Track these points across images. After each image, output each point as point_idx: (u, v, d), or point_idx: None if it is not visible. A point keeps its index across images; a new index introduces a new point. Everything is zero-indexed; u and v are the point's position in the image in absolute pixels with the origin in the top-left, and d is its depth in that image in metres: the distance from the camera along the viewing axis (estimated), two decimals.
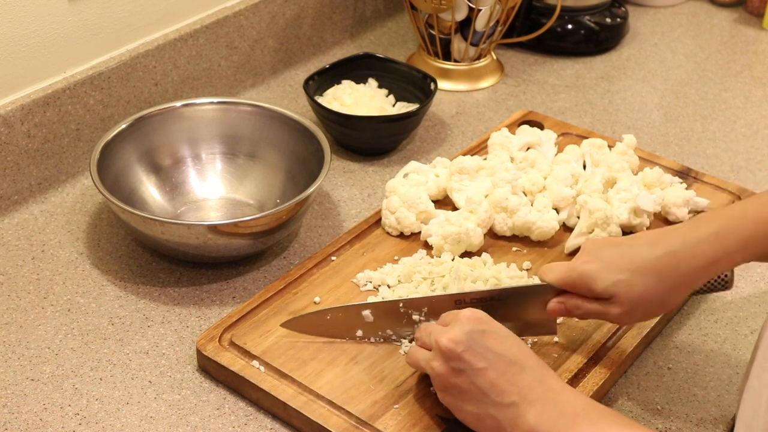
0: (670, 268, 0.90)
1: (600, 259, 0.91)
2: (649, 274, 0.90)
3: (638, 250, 0.91)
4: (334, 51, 1.57)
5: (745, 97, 1.50)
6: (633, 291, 0.90)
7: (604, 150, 1.23)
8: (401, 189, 1.15)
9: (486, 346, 0.86)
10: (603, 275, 0.90)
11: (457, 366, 0.86)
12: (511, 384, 0.84)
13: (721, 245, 0.90)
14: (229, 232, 1.07)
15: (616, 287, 0.90)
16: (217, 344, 0.99)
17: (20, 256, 1.14)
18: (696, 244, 0.90)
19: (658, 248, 0.90)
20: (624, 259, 0.91)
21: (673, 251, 0.90)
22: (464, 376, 0.85)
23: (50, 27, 1.19)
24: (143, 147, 1.20)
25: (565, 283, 0.93)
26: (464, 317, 0.88)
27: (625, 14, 1.64)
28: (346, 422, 0.91)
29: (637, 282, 0.90)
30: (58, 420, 0.94)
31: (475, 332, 0.86)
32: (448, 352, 0.86)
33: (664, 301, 0.92)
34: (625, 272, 0.90)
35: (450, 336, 0.86)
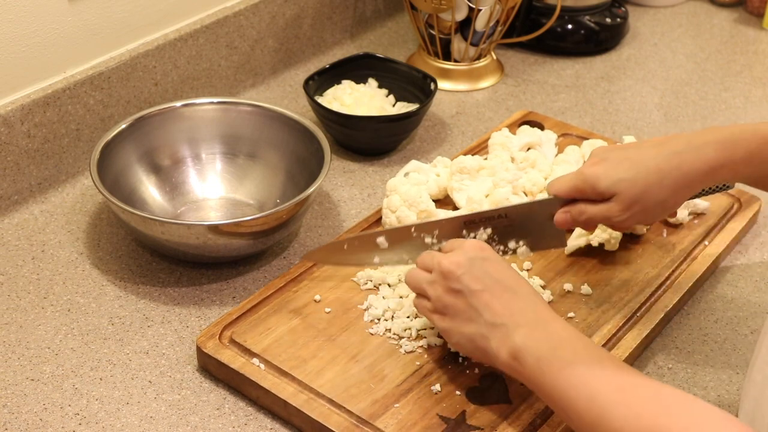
0: (673, 168, 0.92)
1: (606, 160, 0.95)
2: (651, 172, 0.93)
3: (643, 151, 0.94)
4: (334, 51, 1.57)
5: (745, 97, 1.50)
6: (635, 188, 0.93)
7: None
8: (402, 188, 1.15)
9: (485, 270, 0.89)
10: (607, 174, 0.93)
11: (455, 286, 0.89)
12: (504, 307, 0.87)
13: (726, 152, 0.92)
14: (229, 232, 1.07)
15: (619, 185, 0.93)
16: (218, 342, 0.99)
17: (20, 256, 1.14)
18: (701, 147, 0.92)
19: (664, 149, 0.93)
20: (629, 159, 0.94)
21: (677, 152, 0.93)
22: (461, 296, 0.89)
23: (50, 27, 1.19)
24: (143, 147, 1.20)
25: (572, 188, 0.96)
26: (468, 245, 0.92)
27: (625, 14, 1.64)
28: (346, 421, 0.91)
29: (640, 180, 0.93)
30: (58, 420, 0.94)
31: (477, 258, 0.90)
32: (448, 273, 0.90)
33: (664, 201, 0.95)
34: (629, 171, 0.93)
35: (452, 259, 0.90)
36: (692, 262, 1.12)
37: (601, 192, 0.94)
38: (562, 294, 1.07)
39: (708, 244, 1.15)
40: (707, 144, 0.93)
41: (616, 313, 1.04)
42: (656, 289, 1.08)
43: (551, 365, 0.82)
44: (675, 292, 1.08)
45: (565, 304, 1.06)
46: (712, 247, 1.14)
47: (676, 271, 1.11)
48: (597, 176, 0.94)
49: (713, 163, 0.93)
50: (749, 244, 1.19)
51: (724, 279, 1.14)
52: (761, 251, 1.18)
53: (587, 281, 1.08)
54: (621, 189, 0.93)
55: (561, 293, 1.07)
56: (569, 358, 0.82)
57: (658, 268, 1.11)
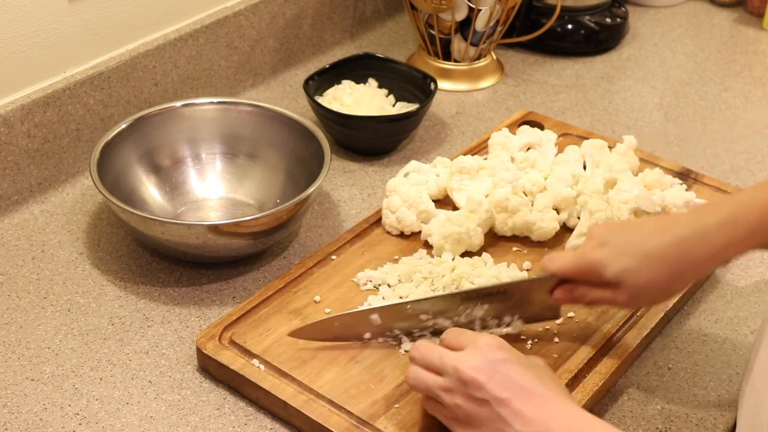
0: (679, 256, 0.90)
1: (609, 245, 0.91)
2: (658, 261, 0.90)
3: (647, 238, 0.91)
4: (334, 51, 1.57)
5: (745, 97, 1.50)
6: (641, 278, 0.90)
7: (604, 151, 1.23)
8: (402, 188, 1.15)
9: (508, 375, 0.84)
10: (613, 262, 0.90)
11: (479, 395, 0.83)
12: (536, 414, 0.82)
13: (730, 234, 0.89)
14: (229, 232, 1.07)
15: (626, 274, 0.90)
16: (217, 343, 0.99)
17: (20, 256, 1.14)
18: (705, 232, 0.90)
19: (668, 236, 0.90)
20: (633, 246, 0.91)
21: (682, 239, 0.90)
22: (486, 406, 0.83)
23: (50, 27, 1.19)
24: (143, 147, 1.19)
25: (573, 271, 0.93)
26: (484, 344, 0.86)
27: (625, 14, 1.64)
28: (346, 421, 0.91)
29: (646, 269, 0.90)
30: (58, 420, 0.94)
31: (497, 361, 0.84)
32: (471, 381, 0.83)
33: (670, 287, 0.93)
34: (634, 259, 0.90)
35: (471, 364, 0.84)
36: None
37: (606, 280, 0.91)
38: None
39: None
40: (710, 229, 0.90)
41: (616, 313, 1.04)
42: None
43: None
44: None
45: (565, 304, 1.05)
46: None
47: None
48: (602, 264, 0.91)
49: (719, 246, 0.90)
50: None
51: (724, 279, 1.14)
52: (761, 251, 1.18)
53: None
54: (627, 278, 0.90)
55: None
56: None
57: None
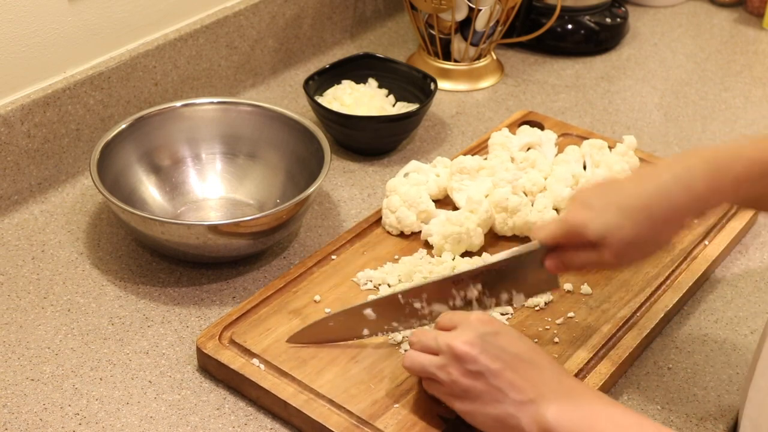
0: (661, 204, 0.88)
1: (589, 206, 0.90)
2: (639, 212, 0.88)
3: (626, 190, 0.89)
4: (334, 51, 1.57)
5: (745, 97, 1.50)
6: (625, 231, 0.88)
7: (604, 151, 1.23)
8: (402, 188, 1.15)
9: (500, 346, 0.86)
10: (594, 221, 0.88)
11: (473, 368, 0.85)
12: (529, 382, 0.84)
13: (713, 182, 0.87)
14: (229, 232, 1.07)
15: (608, 230, 0.88)
16: (217, 342, 0.99)
17: (20, 256, 1.14)
18: (688, 179, 0.88)
19: (648, 185, 0.89)
20: (613, 202, 0.89)
21: (663, 187, 0.88)
22: (482, 378, 0.85)
23: (50, 27, 1.19)
24: (143, 147, 1.19)
25: (557, 236, 0.92)
26: (474, 320, 0.88)
27: (625, 14, 1.64)
28: (346, 421, 0.91)
29: (628, 222, 0.88)
30: (58, 420, 0.94)
31: (488, 334, 0.86)
32: (463, 354, 0.85)
33: (656, 238, 0.91)
34: (615, 214, 0.88)
35: (464, 339, 0.86)
36: (692, 261, 1.12)
37: (589, 240, 0.90)
38: (562, 294, 1.07)
39: (708, 244, 1.15)
40: (693, 177, 0.88)
41: (616, 313, 1.04)
42: (656, 289, 1.08)
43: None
44: (675, 292, 1.08)
45: (565, 304, 1.06)
46: (712, 247, 1.14)
47: (676, 270, 1.11)
48: (584, 225, 0.89)
49: (700, 194, 0.88)
50: (749, 244, 1.19)
51: (724, 279, 1.14)
52: (761, 251, 1.18)
53: (587, 281, 1.08)
54: (610, 235, 0.88)
55: (561, 293, 1.07)
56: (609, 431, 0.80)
57: (658, 268, 1.11)
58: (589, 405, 0.82)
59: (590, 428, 0.80)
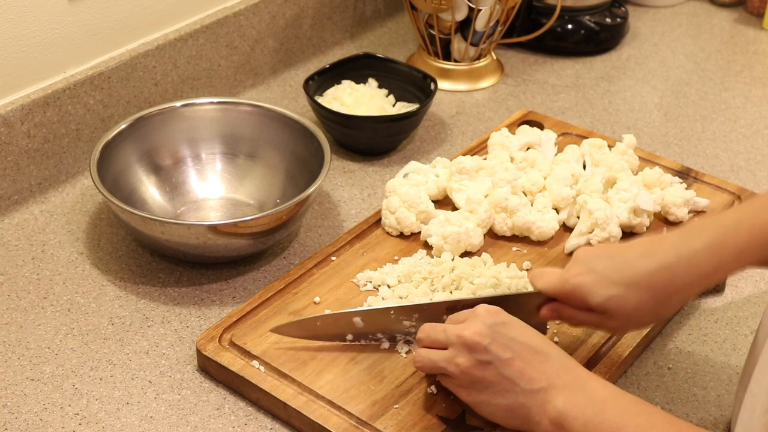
0: (665, 282, 0.88)
1: (593, 272, 0.90)
2: (643, 288, 0.88)
3: (632, 264, 0.89)
4: (334, 51, 1.57)
5: (745, 97, 1.50)
6: (628, 305, 0.89)
7: (604, 150, 1.23)
8: (401, 189, 1.15)
9: (510, 336, 0.87)
10: (597, 290, 0.89)
11: (483, 358, 0.86)
12: (539, 371, 0.85)
13: (716, 257, 0.88)
14: (229, 232, 1.07)
15: (611, 302, 0.89)
16: (217, 344, 0.99)
17: (20, 256, 1.14)
18: (691, 257, 0.88)
19: (653, 261, 0.89)
20: (618, 273, 0.89)
21: (667, 265, 0.88)
22: (491, 367, 0.86)
23: (50, 27, 1.19)
24: (143, 147, 1.20)
25: (558, 292, 0.92)
26: (482, 311, 0.89)
27: (625, 14, 1.64)
28: (346, 422, 0.91)
29: (632, 296, 0.88)
30: (58, 420, 0.94)
31: (497, 324, 0.88)
32: (474, 344, 0.86)
33: (658, 312, 0.91)
34: (619, 287, 0.88)
35: (473, 329, 0.87)
36: None
37: (591, 307, 0.90)
38: None
39: None
40: (696, 254, 0.88)
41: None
42: None
43: (599, 429, 0.80)
44: None
45: None
46: None
47: None
48: (587, 291, 0.90)
49: (705, 271, 0.88)
50: None
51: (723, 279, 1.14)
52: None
53: None
54: (612, 307, 0.89)
55: None
56: (618, 420, 0.80)
57: None
58: (598, 394, 0.83)
59: (600, 417, 0.81)
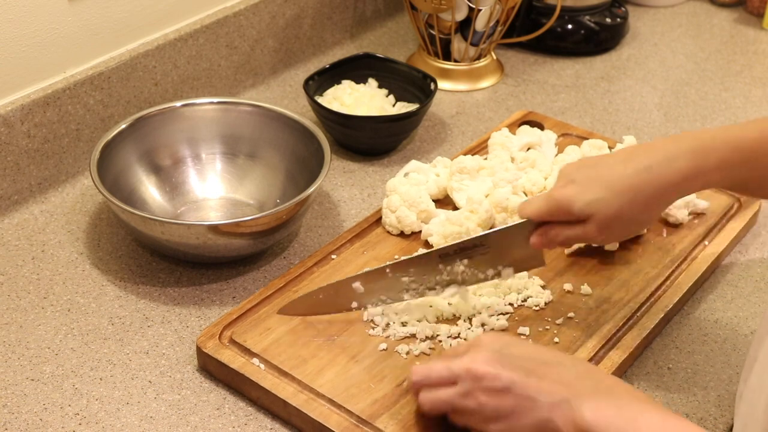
0: (645, 183, 0.90)
1: (576, 182, 0.92)
2: (624, 191, 0.90)
3: (613, 168, 0.92)
4: (334, 51, 1.57)
5: (745, 97, 1.50)
6: (610, 209, 0.91)
7: (604, 151, 1.23)
8: (402, 188, 1.15)
9: (518, 356, 0.84)
10: (579, 197, 0.91)
11: (498, 386, 0.82)
12: (557, 382, 0.82)
13: (698, 162, 0.90)
14: (229, 232, 1.07)
15: (593, 206, 0.91)
16: (218, 342, 0.99)
17: (20, 256, 1.14)
18: (671, 159, 0.90)
19: (634, 164, 0.91)
20: (599, 179, 0.91)
21: (648, 166, 0.90)
22: (509, 393, 0.82)
23: (50, 27, 1.19)
24: (143, 147, 1.20)
25: (543, 212, 0.94)
26: (483, 340, 0.87)
27: (625, 14, 1.64)
28: (346, 421, 0.91)
29: (613, 200, 0.90)
30: (58, 420, 0.94)
31: (503, 347, 0.85)
32: (485, 374, 0.83)
33: (640, 216, 0.93)
34: (601, 191, 0.91)
35: (481, 359, 0.84)
36: (692, 262, 1.12)
37: (575, 215, 0.92)
38: (562, 294, 1.07)
39: (708, 244, 1.15)
40: (679, 155, 0.90)
41: (616, 313, 1.04)
42: (656, 289, 1.08)
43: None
44: (675, 292, 1.08)
45: (565, 304, 1.06)
46: (712, 247, 1.14)
47: (676, 271, 1.11)
48: (569, 200, 0.91)
49: (686, 173, 0.90)
50: (749, 244, 1.19)
51: (724, 279, 1.14)
52: (761, 251, 1.18)
53: (587, 281, 1.08)
54: (595, 210, 0.91)
55: (561, 293, 1.07)
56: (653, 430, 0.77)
57: (658, 268, 1.11)
58: (627, 402, 0.80)
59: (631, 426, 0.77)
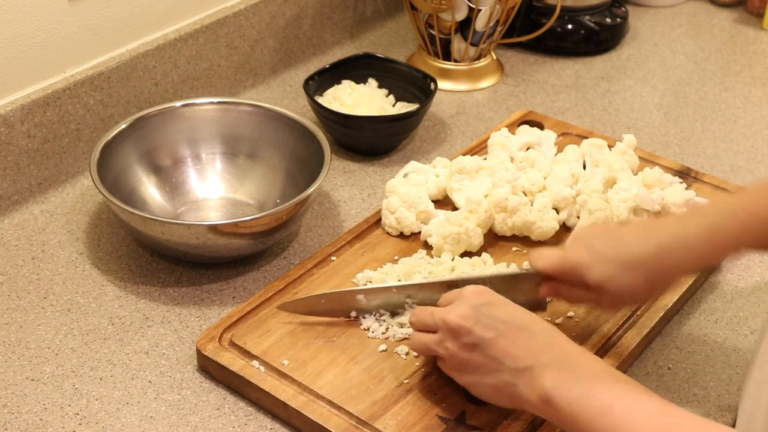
0: (660, 263, 0.91)
1: (591, 250, 0.93)
2: (639, 268, 0.91)
3: (630, 244, 0.93)
4: (334, 51, 1.57)
5: (745, 97, 1.50)
6: (622, 283, 0.92)
7: (603, 150, 1.23)
8: (401, 189, 1.15)
9: (494, 316, 0.87)
10: (595, 268, 0.92)
11: (468, 341, 0.86)
12: (524, 349, 0.84)
13: (711, 242, 0.91)
14: (229, 232, 1.07)
15: (607, 280, 0.92)
16: (217, 344, 0.99)
17: (20, 256, 1.14)
18: (686, 240, 0.91)
19: (649, 243, 0.92)
20: (615, 252, 0.92)
21: (664, 247, 0.91)
22: (477, 349, 0.86)
23: (50, 27, 1.19)
24: (143, 147, 1.20)
25: (557, 270, 0.95)
26: (468, 293, 0.90)
27: (625, 14, 1.64)
28: (346, 422, 0.91)
29: (627, 275, 0.91)
30: (58, 420, 0.94)
31: (482, 305, 0.88)
32: (457, 328, 0.87)
33: (651, 290, 0.95)
34: (616, 266, 0.91)
35: (457, 312, 0.88)
36: None
37: (588, 284, 0.93)
38: None
39: None
40: (691, 237, 0.91)
41: (616, 313, 1.04)
42: None
43: (588, 410, 0.79)
44: (675, 292, 1.08)
45: (565, 304, 1.05)
46: None
47: None
48: (585, 269, 0.92)
49: (700, 254, 0.91)
50: None
51: (724, 279, 1.14)
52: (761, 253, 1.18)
53: None
54: (609, 285, 0.92)
55: None
56: (605, 401, 0.79)
57: None
58: (586, 372, 0.82)
59: (587, 397, 0.79)
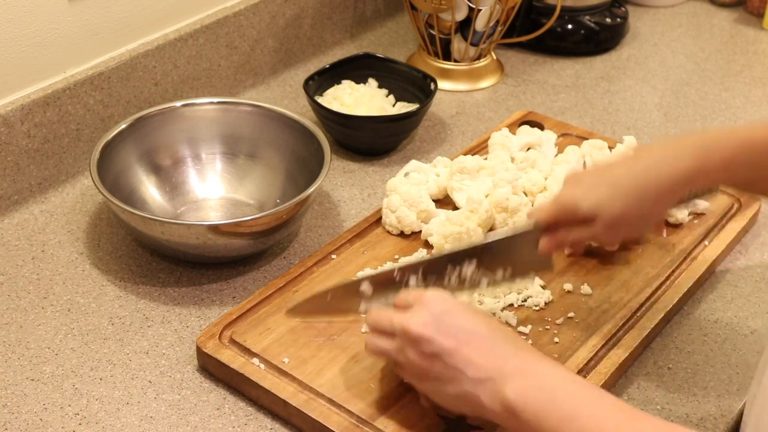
0: (650, 181, 0.91)
1: (581, 184, 0.94)
2: (628, 189, 0.92)
3: (617, 169, 0.93)
4: (334, 51, 1.57)
5: (745, 97, 1.50)
6: (615, 208, 0.92)
7: (604, 151, 1.23)
8: (402, 188, 1.15)
9: (455, 324, 0.84)
10: (585, 197, 0.93)
11: (429, 350, 0.84)
12: (486, 359, 0.82)
13: (701, 160, 0.90)
14: (229, 232, 1.07)
15: (599, 206, 0.92)
16: (218, 342, 0.99)
17: (20, 256, 1.14)
18: (675, 157, 0.91)
19: (637, 164, 0.92)
20: (604, 180, 0.93)
21: (652, 165, 0.92)
22: (437, 359, 0.83)
23: (50, 27, 1.19)
24: (143, 147, 1.20)
25: (551, 214, 0.95)
26: (428, 299, 0.86)
27: (625, 14, 1.64)
28: (346, 420, 0.91)
29: (618, 198, 0.92)
30: (58, 420, 0.94)
31: (443, 313, 0.85)
32: (418, 337, 0.84)
33: (646, 214, 0.94)
34: (606, 191, 0.92)
35: (418, 320, 0.84)
36: (692, 262, 1.12)
37: (581, 215, 0.93)
38: (562, 294, 1.07)
39: (708, 244, 1.15)
40: (682, 154, 0.91)
41: (616, 313, 1.04)
42: (656, 289, 1.08)
43: (551, 418, 0.77)
44: (675, 292, 1.08)
45: (565, 304, 1.06)
46: (712, 247, 1.14)
47: (676, 271, 1.11)
48: (575, 201, 0.93)
49: (689, 171, 0.91)
50: (749, 244, 1.19)
51: (724, 279, 1.14)
52: (761, 251, 1.18)
53: (587, 281, 1.08)
54: (601, 210, 0.92)
55: (561, 293, 1.07)
56: (569, 409, 0.77)
57: (658, 268, 1.11)
58: (549, 381, 0.80)
59: (552, 405, 0.78)
